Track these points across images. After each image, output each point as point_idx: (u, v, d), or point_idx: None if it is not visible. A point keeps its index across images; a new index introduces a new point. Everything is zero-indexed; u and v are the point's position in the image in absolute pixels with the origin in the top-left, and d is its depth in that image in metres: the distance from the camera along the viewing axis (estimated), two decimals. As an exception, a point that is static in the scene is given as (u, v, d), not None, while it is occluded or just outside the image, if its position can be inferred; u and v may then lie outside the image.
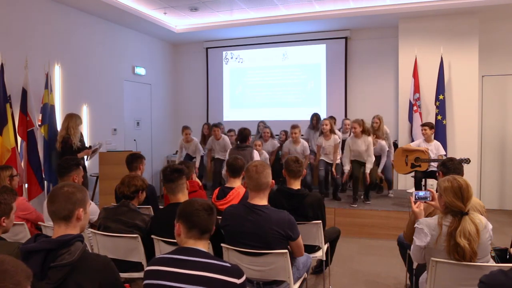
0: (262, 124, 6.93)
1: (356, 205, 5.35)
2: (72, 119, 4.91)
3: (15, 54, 4.80)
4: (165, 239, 2.50)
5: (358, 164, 5.36)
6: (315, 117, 6.52)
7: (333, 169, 5.54)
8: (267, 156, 5.86)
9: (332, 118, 6.18)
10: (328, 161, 5.61)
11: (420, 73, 6.40)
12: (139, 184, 2.88)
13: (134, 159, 3.69)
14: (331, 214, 5.23)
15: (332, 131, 5.55)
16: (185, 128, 6.54)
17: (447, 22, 6.31)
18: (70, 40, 5.78)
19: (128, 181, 2.87)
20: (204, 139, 6.89)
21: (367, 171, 5.20)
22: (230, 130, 6.79)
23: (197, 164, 6.48)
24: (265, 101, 7.97)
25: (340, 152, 5.70)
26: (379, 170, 5.54)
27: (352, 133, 5.40)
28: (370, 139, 5.25)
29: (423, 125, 5.29)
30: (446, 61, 6.25)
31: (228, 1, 6.14)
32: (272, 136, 6.52)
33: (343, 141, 5.81)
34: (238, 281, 1.60)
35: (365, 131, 5.25)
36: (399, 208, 5.26)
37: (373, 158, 5.25)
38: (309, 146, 5.89)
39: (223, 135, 6.33)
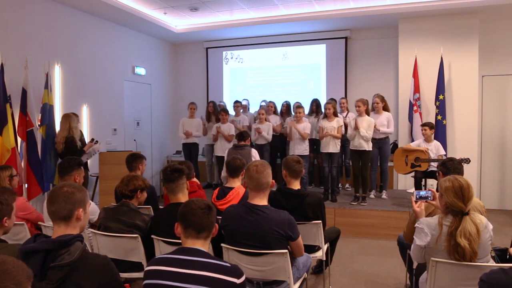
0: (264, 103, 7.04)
1: (366, 203, 5.40)
2: (73, 119, 4.93)
3: (15, 54, 4.80)
4: (165, 239, 2.50)
5: (357, 156, 5.35)
6: (315, 103, 6.55)
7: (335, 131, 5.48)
8: (270, 124, 6.19)
9: (333, 100, 6.18)
10: (331, 151, 5.51)
11: (420, 73, 6.40)
12: (138, 184, 2.87)
13: (133, 159, 3.69)
14: (331, 214, 5.23)
15: (335, 114, 5.60)
16: (191, 103, 6.80)
17: (447, 22, 6.31)
18: (70, 40, 5.78)
19: (127, 180, 2.87)
20: (208, 116, 6.93)
21: (362, 132, 5.21)
22: (236, 101, 6.91)
23: (199, 134, 6.73)
24: (265, 101, 7.98)
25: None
26: (386, 130, 5.57)
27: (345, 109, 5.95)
28: (372, 120, 5.34)
29: (423, 125, 5.29)
30: (446, 61, 6.24)
31: (228, 1, 6.14)
32: (275, 112, 6.72)
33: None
34: (238, 281, 1.60)
35: (368, 113, 5.42)
36: (399, 208, 5.26)
37: (371, 135, 5.29)
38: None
39: (229, 122, 6.40)
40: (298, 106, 5.94)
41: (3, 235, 2.14)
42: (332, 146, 5.47)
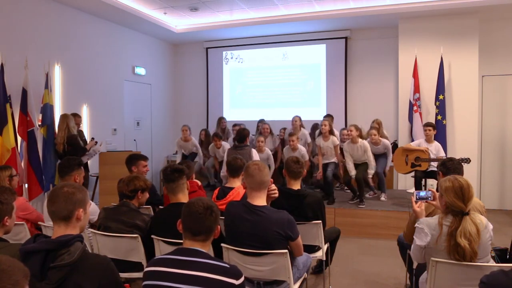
0: (261, 123, 6.96)
1: (364, 205, 5.36)
2: (70, 119, 4.95)
3: (15, 54, 4.80)
4: (165, 239, 2.50)
5: (355, 165, 5.37)
6: (314, 129, 6.60)
7: (340, 171, 5.57)
8: (270, 152, 5.90)
9: (329, 117, 6.18)
10: (329, 161, 5.57)
11: (420, 73, 6.40)
12: (139, 184, 2.86)
13: (127, 161, 3.74)
14: (331, 214, 5.23)
15: (331, 132, 5.55)
16: (183, 126, 6.67)
17: (447, 22, 6.31)
18: (70, 40, 5.78)
19: (128, 180, 2.87)
20: (201, 144, 6.92)
21: (370, 176, 5.28)
22: (235, 125, 6.85)
23: (201, 161, 6.68)
24: (265, 101, 7.97)
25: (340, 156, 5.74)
26: (387, 168, 5.56)
27: (349, 139, 5.37)
28: (366, 143, 5.28)
29: (427, 125, 5.23)
30: (446, 61, 6.24)
31: (228, 1, 6.14)
32: (271, 132, 6.58)
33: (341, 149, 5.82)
34: (237, 282, 1.60)
35: (362, 137, 5.32)
36: (399, 208, 5.25)
37: (374, 163, 5.28)
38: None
39: (223, 142, 6.33)
40: (291, 134, 5.59)
41: (5, 234, 2.15)
42: (330, 158, 5.54)
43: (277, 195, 2.53)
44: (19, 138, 4.73)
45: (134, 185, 2.84)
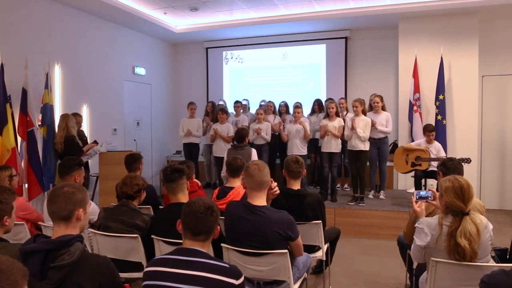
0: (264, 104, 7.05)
1: (364, 204, 5.40)
2: (70, 118, 4.93)
3: (15, 54, 4.80)
4: (165, 239, 2.50)
5: (355, 156, 5.37)
6: (317, 102, 6.65)
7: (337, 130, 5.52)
8: (269, 124, 6.26)
9: (334, 100, 6.26)
10: (332, 151, 5.51)
11: (420, 73, 6.40)
12: (141, 184, 2.91)
13: (133, 161, 3.70)
14: (331, 214, 5.23)
15: (337, 114, 5.62)
16: (190, 103, 6.79)
17: (447, 22, 6.31)
18: (70, 40, 5.77)
19: (130, 181, 2.88)
20: (207, 116, 6.91)
21: (359, 133, 5.21)
22: (237, 102, 6.93)
23: (199, 134, 6.73)
24: (265, 101, 7.97)
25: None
26: (385, 129, 5.55)
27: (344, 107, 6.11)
28: (369, 119, 5.35)
29: (430, 130, 5.12)
30: (446, 61, 6.24)
31: (228, 1, 6.14)
32: (274, 112, 6.80)
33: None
34: (237, 282, 1.60)
35: (364, 112, 5.49)
36: (399, 208, 5.26)
37: (368, 135, 5.31)
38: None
39: (228, 123, 6.39)
40: (297, 106, 5.93)
41: (5, 234, 2.15)
42: (334, 146, 5.48)
43: (278, 192, 2.53)
44: (19, 138, 4.72)
45: (137, 185, 2.87)
